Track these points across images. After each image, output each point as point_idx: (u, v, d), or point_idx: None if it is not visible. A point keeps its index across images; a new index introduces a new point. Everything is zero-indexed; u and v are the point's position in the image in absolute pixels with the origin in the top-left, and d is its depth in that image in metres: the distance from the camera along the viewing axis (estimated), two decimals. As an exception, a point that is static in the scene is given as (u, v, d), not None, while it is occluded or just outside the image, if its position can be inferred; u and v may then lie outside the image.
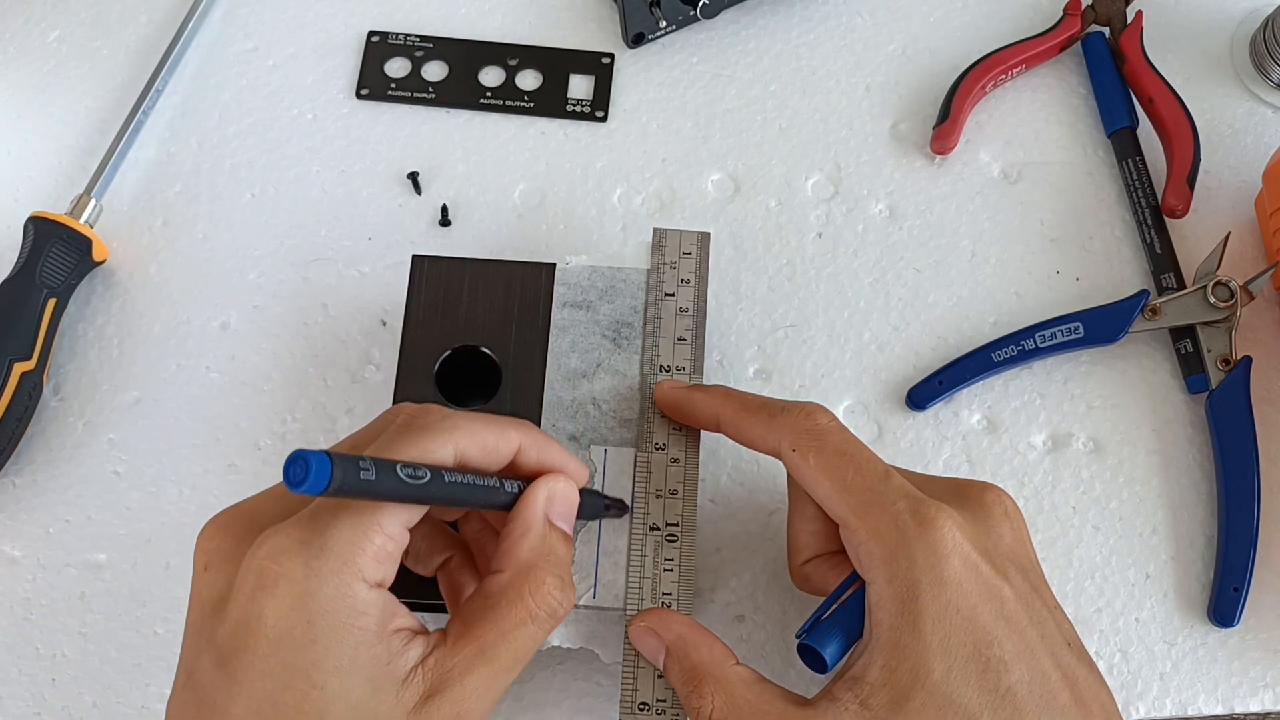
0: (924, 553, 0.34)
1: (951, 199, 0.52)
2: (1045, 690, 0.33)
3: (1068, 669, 0.34)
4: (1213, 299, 0.47)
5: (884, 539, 0.34)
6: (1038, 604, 0.35)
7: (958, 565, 0.34)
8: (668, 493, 0.41)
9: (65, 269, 0.48)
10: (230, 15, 0.56)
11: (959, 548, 0.34)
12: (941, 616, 0.33)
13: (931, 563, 0.34)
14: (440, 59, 0.55)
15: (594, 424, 0.43)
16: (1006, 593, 0.34)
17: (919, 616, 0.33)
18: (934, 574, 0.34)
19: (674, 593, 0.40)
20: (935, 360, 0.49)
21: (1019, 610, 0.34)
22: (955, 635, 0.33)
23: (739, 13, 0.56)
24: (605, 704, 0.43)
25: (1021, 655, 0.33)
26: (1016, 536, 0.37)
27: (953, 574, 0.34)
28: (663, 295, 0.44)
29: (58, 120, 0.54)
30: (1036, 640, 0.34)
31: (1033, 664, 0.33)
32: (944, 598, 0.33)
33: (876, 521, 0.35)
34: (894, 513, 0.35)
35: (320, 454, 0.28)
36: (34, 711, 0.43)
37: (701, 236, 0.46)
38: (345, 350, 0.49)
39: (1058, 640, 0.35)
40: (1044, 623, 0.35)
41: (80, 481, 0.47)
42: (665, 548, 0.40)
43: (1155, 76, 0.52)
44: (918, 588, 0.33)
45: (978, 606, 0.34)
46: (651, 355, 0.43)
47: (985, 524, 0.36)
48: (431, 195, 0.52)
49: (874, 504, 0.35)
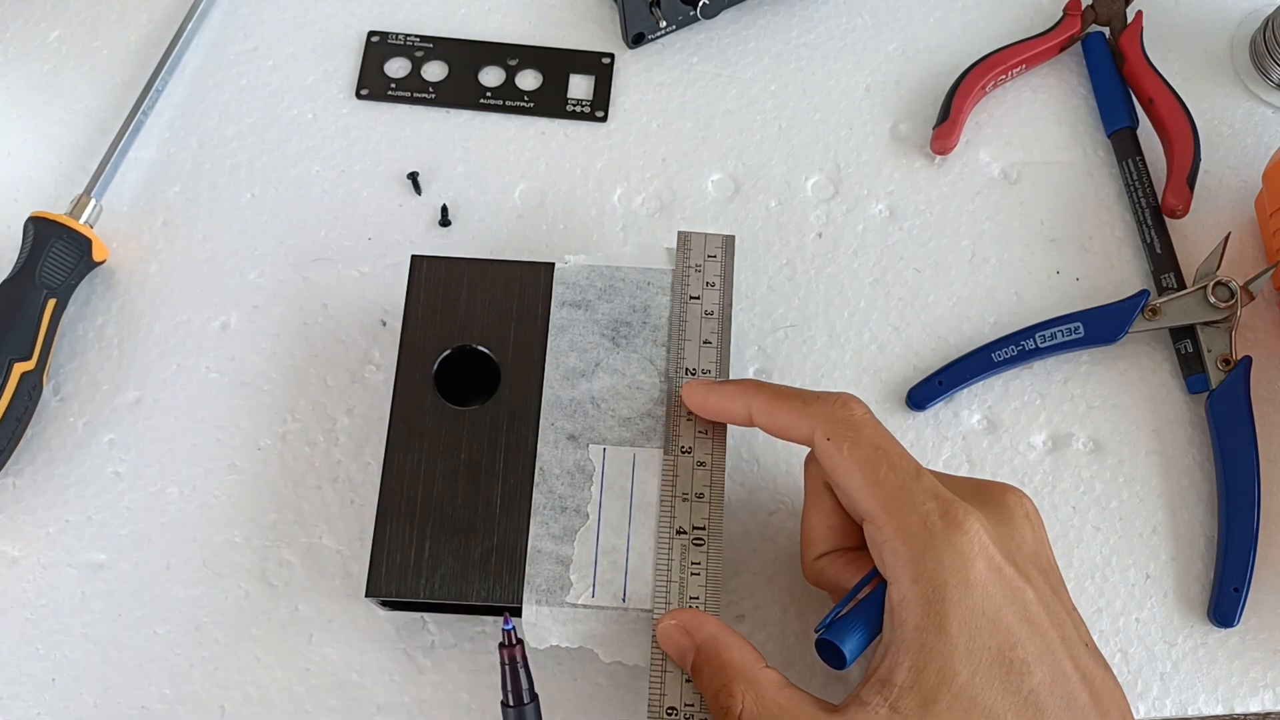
0: (951, 555, 0.34)
1: (951, 199, 0.52)
2: (1066, 692, 0.33)
3: (1086, 670, 0.34)
4: (1213, 299, 0.47)
5: (912, 539, 0.34)
6: (1058, 606, 0.35)
7: (983, 568, 0.34)
8: (694, 496, 0.41)
9: (65, 269, 0.48)
10: (230, 15, 0.56)
11: (985, 550, 0.34)
12: (968, 619, 0.33)
13: (959, 565, 0.34)
14: (440, 59, 0.55)
15: (593, 423, 0.43)
16: (1029, 595, 0.34)
17: (945, 618, 0.33)
18: (961, 576, 0.34)
19: (701, 596, 0.39)
20: (935, 360, 0.49)
21: (1041, 613, 0.34)
22: (980, 637, 0.33)
23: (739, 13, 0.56)
24: (605, 704, 0.43)
25: (1043, 657, 0.33)
26: (1037, 539, 0.37)
27: (979, 576, 0.34)
28: (688, 298, 0.44)
29: (58, 120, 0.54)
30: (1057, 642, 0.34)
31: (1054, 666, 0.34)
32: (970, 600, 0.33)
33: (905, 520, 0.35)
34: (923, 513, 0.35)
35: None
36: (34, 711, 0.43)
37: (726, 240, 0.45)
38: (345, 350, 0.49)
39: (1076, 642, 0.35)
40: (1064, 625, 0.35)
41: (80, 482, 0.47)
42: (692, 551, 0.40)
43: (1155, 77, 0.52)
44: (944, 589, 0.33)
45: (1002, 609, 0.34)
46: (677, 358, 0.43)
47: (1008, 526, 0.36)
48: (431, 195, 0.52)
49: (904, 502, 0.35)
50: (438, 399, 0.43)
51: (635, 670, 0.43)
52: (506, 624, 0.37)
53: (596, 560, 0.41)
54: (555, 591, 0.40)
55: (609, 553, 0.41)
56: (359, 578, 0.45)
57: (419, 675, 0.43)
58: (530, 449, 0.42)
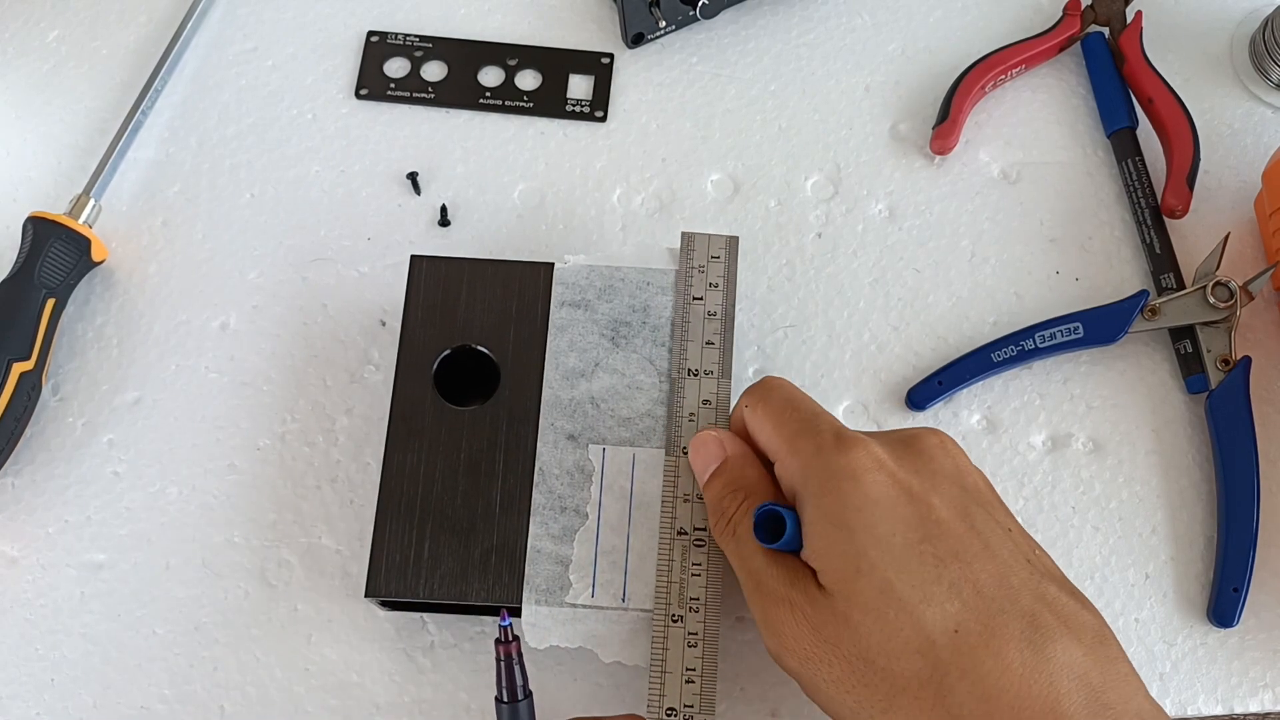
0: (843, 463, 0.35)
1: (951, 199, 0.52)
2: (1002, 594, 0.33)
3: (1026, 581, 0.34)
4: (1212, 299, 0.47)
5: (803, 455, 0.36)
6: (982, 517, 0.35)
7: (877, 475, 0.35)
8: (695, 497, 0.41)
9: (64, 269, 0.48)
10: (230, 15, 0.56)
11: (878, 461, 0.35)
12: (862, 506, 0.34)
13: (849, 470, 0.35)
14: (440, 59, 0.55)
15: (592, 423, 0.43)
16: (934, 501, 0.35)
17: (842, 507, 0.35)
18: (851, 476, 0.35)
19: (701, 597, 0.40)
20: (935, 360, 0.49)
21: (953, 517, 0.35)
22: (882, 524, 0.34)
23: (738, 13, 0.56)
24: (605, 704, 0.43)
25: (959, 556, 0.34)
26: (956, 465, 0.37)
27: (870, 477, 0.35)
28: (690, 299, 0.44)
29: (57, 120, 0.54)
30: (978, 548, 0.34)
31: (975, 567, 0.34)
32: (861, 491, 0.35)
33: (802, 447, 0.37)
34: (819, 441, 0.36)
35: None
36: (34, 711, 0.43)
37: (730, 240, 0.45)
38: (345, 350, 0.49)
39: (1011, 554, 0.34)
40: (989, 533, 0.35)
41: (80, 482, 0.47)
42: (693, 552, 0.40)
43: (1155, 77, 0.52)
44: (835, 483, 0.35)
45: (899, 503, 0.34)
46: (679, 359, 0.43)
47: (915, 455, 0.37)
48: (431, 195, 0.52)
49: (804, 434, 0.37)
50: (437, 399, 0.43)
51: (635, 670, 0.43)
52: (503, 620, 0.37)
53: (596, 560, 0.41)
54: (555, 591, 0.40)
55: (608, 553, 0.41)
56: (358, 578, 0.45)
57: (419, 675, 0.43)
58: (530, 449, 0.42)
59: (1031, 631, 0.32)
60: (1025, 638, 0.32)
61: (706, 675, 0.38)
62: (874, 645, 0.33)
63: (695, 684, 0.38)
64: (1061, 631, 0.33)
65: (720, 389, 0.43)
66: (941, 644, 0.32)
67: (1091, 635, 0.33)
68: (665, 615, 0.39)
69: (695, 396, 0.42)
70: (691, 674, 0.38)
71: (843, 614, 0.34)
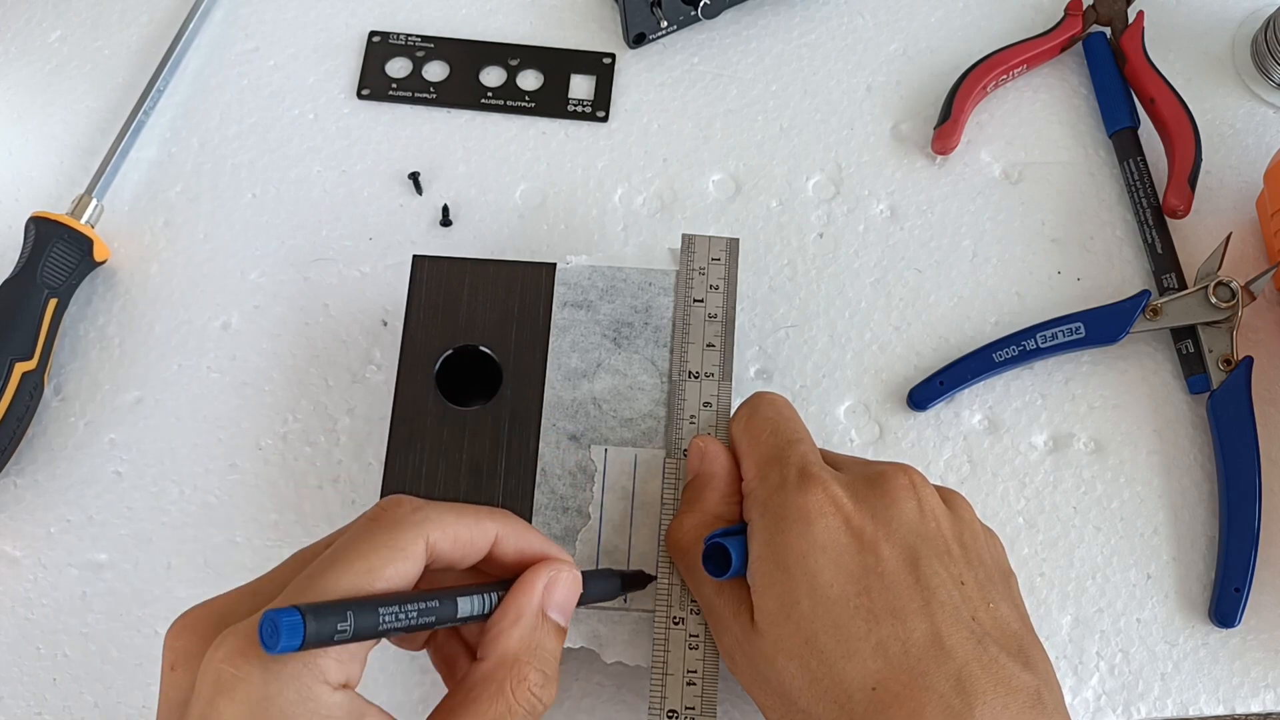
0: (799, 502, 0.36)
1: (953, 199, 0.52)
2: (932, 654, 0.33)
3: (963, 642, 0.33)
4: (1214, 299, 0.47)
5: (769, 488, 0.37)
6: (933, 569, 0.35)
7: (830, 520, 0.35)
8: None
9: (66, 269, 0.48)
10: (231, 15, 0.56)
11: (836, 502, 0.36)
12: (806, 553, 0.35)
13: (803, 511, 0.35)
14: (441, 59, 0.55)
15: (594, 423, 0.43)
16: (883, 550, 0.35)
17: (785, 550, 0.35)
18: (803, 519, 0.35)
19: None
20: (936, 360, 0.49)
21: (899, 569, 0.35)
22: (822, 574, 0.34)
23: (740, 13, 0.56)
24: (605, 704, 0.43)
25: (894, 612, 0.34)
26: (920, 509, 0.36)
27: (822, 522, 0.35)
28: (691, 301, 0.44)
29: (59, 120, 0.54)
30: (918, 604, 0.34)
31: (910, 625, 0.33)
32: (809, 537, 0.35)
33: (768, 474, 0.37)
34: (785, 472, 0.37)
35: (291, 615, 0.27)
36: (35, 711, 0.43)
37: (730, 242, 0.45)
38: (346, 350, 0.49)
39: (954, 611, 0.34)
40: (936, 587, 0.34)
41: (81, 481, 0.47)
42: None
43: (1156, 77, 0.52)
44: (785, 524, 0.35)
45: (846, 554, 0.35)
46: (680, 361, 0.43)
47: (878, 496, 0.36)
48: (432, 195, 0.52)
49: (774, 461, 0.38)
50: (439, 399, 0.43)
51: (636, 671, 0.43)
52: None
53: (598, 560, 0.41)
54: (556, 592, 0.40)
55: (610, 553, 0.41)
56: (360, 578, 0.45)
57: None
58: (532, 449, 0.42)
59: (956, 694, 0.32)
60: (947, 701, 0.32)
61: (708, 677, 0.38)
62: (795, 688, 0.34)
63: (696, 686, 0.38)
64: (993, 695, 0.32)
65: (721, 392, 0.43)
66: (858, 699, 0.33)
67: (1025, 698, 0.33)
68: (667, 618, 0.39)
69: (696, 399, 0.42)
70: (693, 676, 0.38)
71: (769, 654, 0.35)
